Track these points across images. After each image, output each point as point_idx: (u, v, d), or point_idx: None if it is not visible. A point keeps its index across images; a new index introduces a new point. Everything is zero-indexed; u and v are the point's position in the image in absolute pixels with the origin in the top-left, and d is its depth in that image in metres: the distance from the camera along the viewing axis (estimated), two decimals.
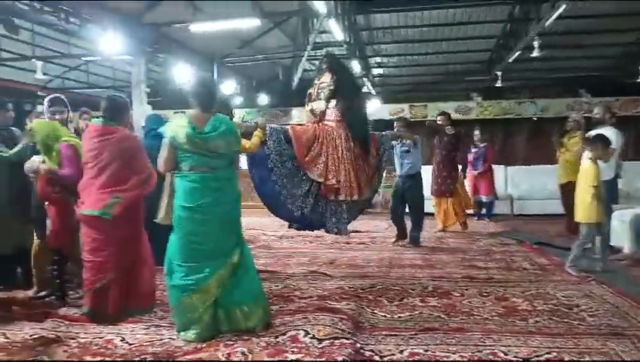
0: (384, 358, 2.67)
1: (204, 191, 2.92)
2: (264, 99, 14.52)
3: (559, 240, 6.29)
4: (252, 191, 4.41)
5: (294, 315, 3.28)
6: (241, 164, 4.49)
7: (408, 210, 6.25)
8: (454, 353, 2.71)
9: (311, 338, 2.86)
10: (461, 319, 3.31)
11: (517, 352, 2.71)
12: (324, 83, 4.51)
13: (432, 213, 7.39)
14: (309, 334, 2.91)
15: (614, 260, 4.99)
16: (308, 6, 8.71)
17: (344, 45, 10.53)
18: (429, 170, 7.21)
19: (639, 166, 8.79)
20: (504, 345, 2.81)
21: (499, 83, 13.74)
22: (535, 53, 10.31)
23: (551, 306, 3.55)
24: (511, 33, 11.18)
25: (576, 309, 3.47)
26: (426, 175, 7.01)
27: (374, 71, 14.97)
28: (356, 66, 12.03)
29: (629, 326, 3.10)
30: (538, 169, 9.61)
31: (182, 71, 10.62)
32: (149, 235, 3.51)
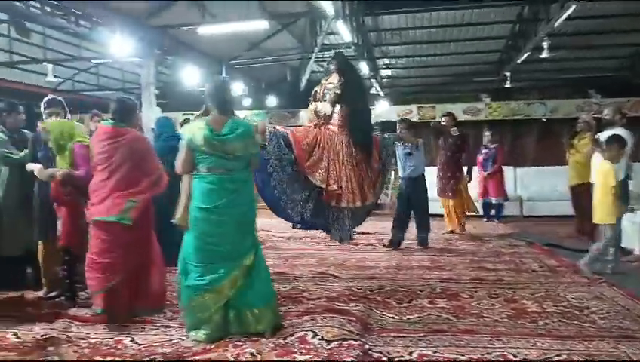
0: (392, 360, 2.66)
1: (220, 192, 2.94)
2: (272, 100, 14.57)
3: (569, 241, 6.26)
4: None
5: (302, 316, 3.29)
6: None
7: (413, 213, 6.19)
8: (463, 355, 2.70)
9: (319, 339, 2.86)
10: (470, 321, 3.29)
11: (526, 354, 2.69)
12: (330, 84, 4.49)
13: (441, 215, 7.37)
14: (318, 335, 2.91)
15: (625, 262, 4.95)
16: (316, 8, 8.74)
17: (352, 47, 10.54)
18: (435, 172, 7.16)
19: None
20: (513, 347, 2.79)
21: (508, 84, 13.69)
22: (544, 53, 10.26)
23: (561, 308, 3.53)
24: (520, 34, 11.13)
25: (586, 311, 3.45)
26: (432, 176, 6.98)
27: (382, 72, 14.97)
28: (364, 68, 12.06)
29: None
30: (548, 170, 9.53)
31: (190, 73, 10.69)
32: (158, 236, 3.53)
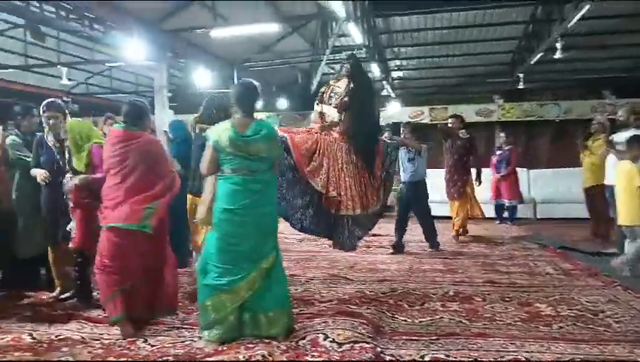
0: None
1: (245, 193, 2.97)
2: (283, 103, 14.61)
3: (584, 244, 6.18)
4: None
5: (314, 319, 3.28)
6: None
7: (416, 218, 6.13)
8: (476, 359, 2.68)
9: (331, 342, 2.86)
10: (483, 324, 3.27)
11: (540, 358, 2.67)
12: (338, 88, 4.44)
13: (449, 217, 7.26)
14: (329, 338, 2.91)
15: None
16: (327, 10, 8.74)
17: (363, 48, 10.53)
18: (442, 174, 7.04)
19: None
20: (527, 351, 2.77)
21: (521, 85, 13.58)
22: (558, 54, 10.17)
23: (575, 312, 3.49)
24: (533, 34, 11.04)
25: (601, 315, 3.41)
26: (441, 179, 6.95)
27: (394, 74, 14.93)
28: (376, 69, 12.04)
29: None
30: (562, 172, 9.43)
31: (202, 76, 10.75)
32: (169, 238, 3.54)
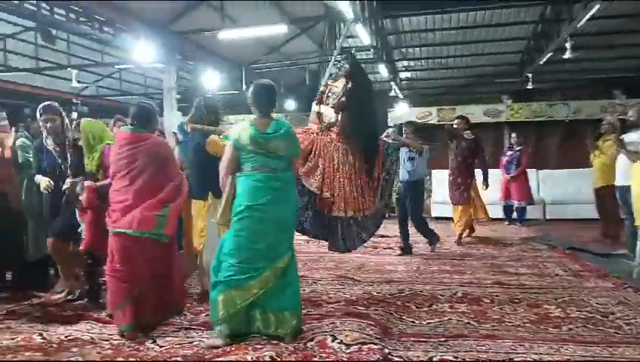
0: None
1: (266, 190, 3.02)
2: (291, 104, 14.64)
3: (594, 245, 6.14)
4: None
5: (322, 320, 3.29)
6: None
7: (409, 216, 6.05)
8: (485, 360, 2.67)
9: (339, 343, 2.86)
10: (492, 326, 3.26)
11: (550, 360, 2.65)
12: (336, 88, 4.41)
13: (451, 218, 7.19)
14: (337, 339, 2.91)
15: None
16: (335, 11, 8.74)
17: (371, 49, 10.52)
18: (446, 176, 6.98)
19: None
20: (536, 353, 2.75)
21: (530, 85, 13.48)
22: (567, 54, 10.06)
23: (585, 313, 3.47)
24: (542, 34, 10.95)
25: (611, 317, 3.38)
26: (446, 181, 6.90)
27: (402, 74, 14.89)
28: (383, 70, 12.02)
29: None
30: (571, 172, 9.37)
31: (211, 78, 10.80)
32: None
